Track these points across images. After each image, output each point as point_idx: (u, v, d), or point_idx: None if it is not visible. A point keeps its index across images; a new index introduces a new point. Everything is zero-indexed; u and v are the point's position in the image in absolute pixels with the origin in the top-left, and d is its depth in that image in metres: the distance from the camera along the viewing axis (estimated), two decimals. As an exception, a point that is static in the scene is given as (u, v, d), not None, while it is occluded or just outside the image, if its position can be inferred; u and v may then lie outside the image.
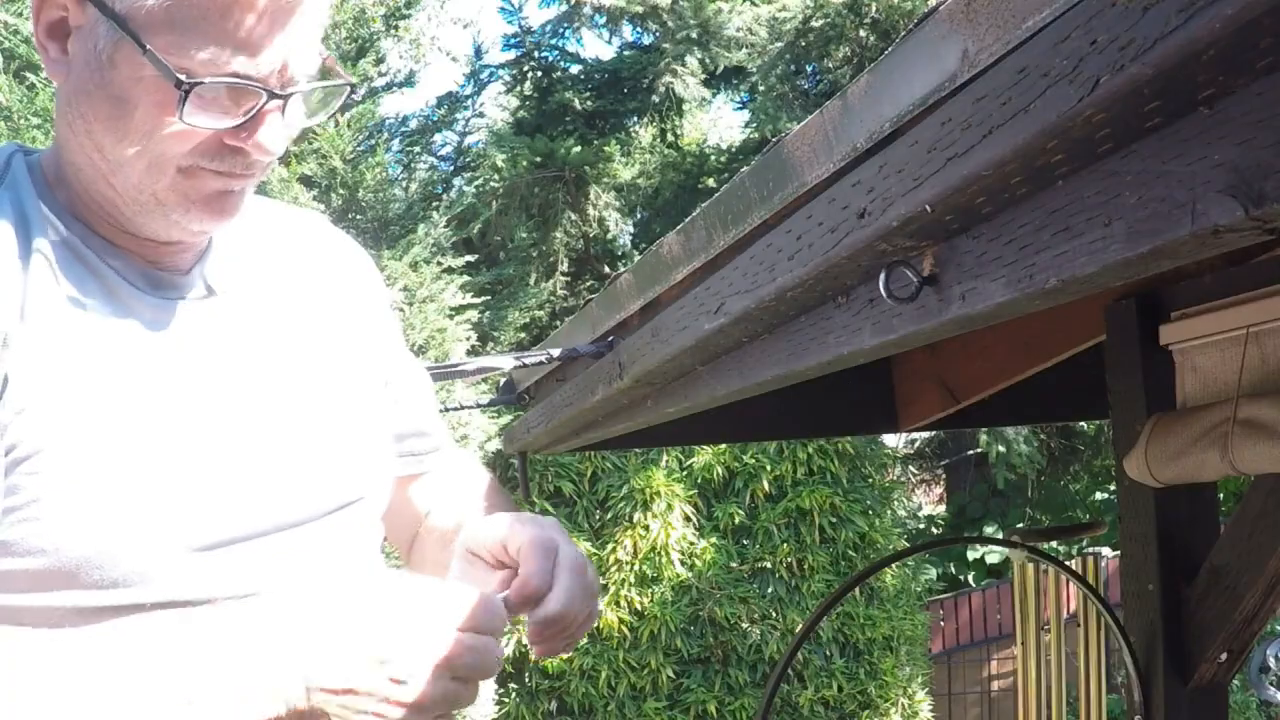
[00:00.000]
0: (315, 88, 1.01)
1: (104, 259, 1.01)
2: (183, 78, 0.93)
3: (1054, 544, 7.15)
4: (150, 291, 1.03)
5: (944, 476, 10.28)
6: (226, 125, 0.96)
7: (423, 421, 1.28)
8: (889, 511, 6.77)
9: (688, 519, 6.18)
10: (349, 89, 1.04)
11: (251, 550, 1.01)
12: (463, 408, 5.16)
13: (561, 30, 9.09)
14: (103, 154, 0.98)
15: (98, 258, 1.01)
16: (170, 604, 0.97)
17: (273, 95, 0.96)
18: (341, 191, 6.04)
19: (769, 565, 6.23)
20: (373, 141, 6.50)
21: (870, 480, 6.52)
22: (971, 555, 9.28)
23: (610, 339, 2.03)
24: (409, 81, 6.93)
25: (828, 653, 6.28)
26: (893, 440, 9.04)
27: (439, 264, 6.20)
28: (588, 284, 8.64)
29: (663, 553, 6.07)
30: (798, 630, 5.94)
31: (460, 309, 6.25)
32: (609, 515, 6.08)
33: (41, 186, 1.02)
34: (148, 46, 0.93)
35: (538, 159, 8.18)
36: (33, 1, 0.98)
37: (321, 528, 1.07)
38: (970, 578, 9.26)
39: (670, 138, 9.26)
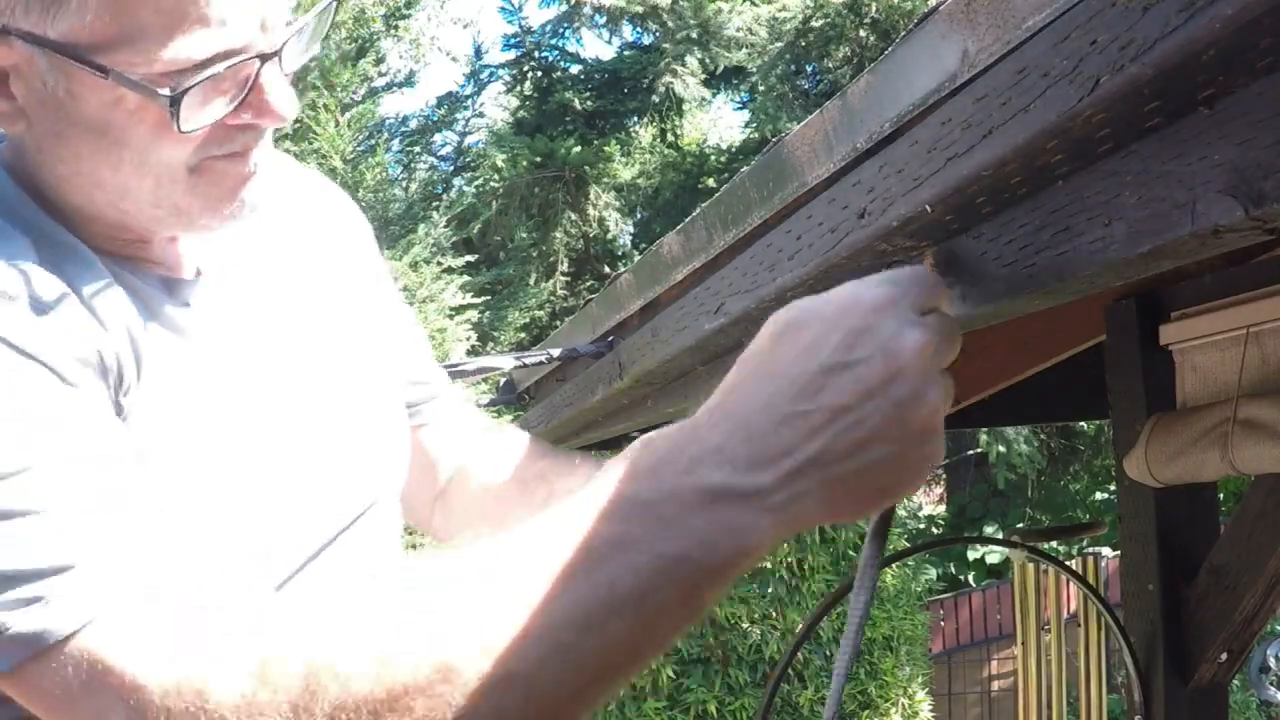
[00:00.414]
0: (302, 23, 0.88)
1: (126, 272, 0.90)
2: (166, 91, 0.80)
3: (1054, 544, 7.15)
4: (173, 300, 0.93)
5: (944, 476, 10.28)
6: (229, 110, 0.85)
7: (418, 370, 1.20)
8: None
9: (688, 519, 6.18)
10: (334, 4, 0.91)
11: (321, 566, 0.96)
12: (463, 408, 5.15)
13: (561, 30, 9.10)
14: (102, 188, 0.86)
15: (122, 270, 0.90)
16: None
17: (265, 57, 0.85)
18: (341, 191, 6.03)
19: (769, 565, 6.23)
20: (373, 141, 6.51)
21: (870, 480, 6.51)
22: (971, 555, 9.28)
23: (610, 339, 2.03)
24: (409, 81, 6.94)
25: (828, 653, 6.27)
26: (892, 440, 9.02)
27: (439, 264, 6.21)
28: (588, 284, 8.64)
29: (663, 553, 6.07)
30: (798, 630, 5.94)
31: (460, 309, 6.25)
32: (609, 515, 6.08)
33: (34, 197, 0.89)
34: (109, 69, 0.79)
35: (538, 159, 8.19)
36: None
37: (365, 524, 1.02)
38: (970, 578, 9.26)
39: (670, 138, 9.27)
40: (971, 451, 9.32)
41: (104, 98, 0.82)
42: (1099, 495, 9.65)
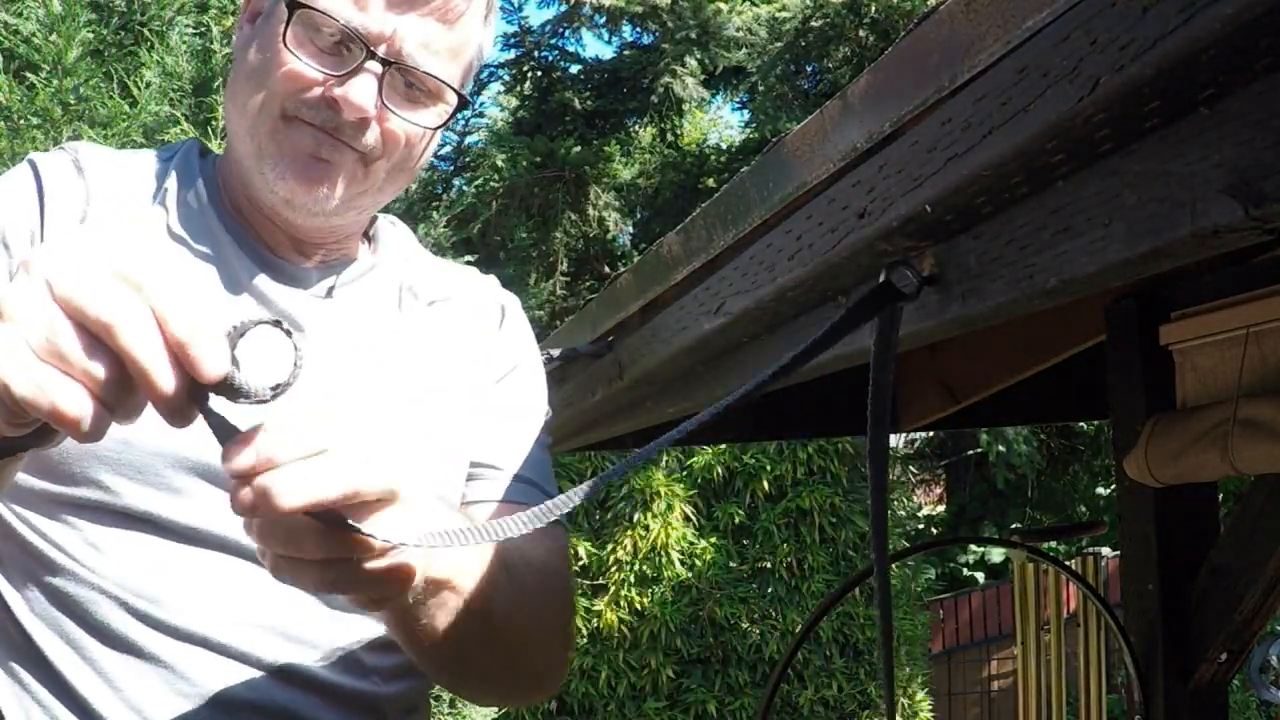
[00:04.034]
0: (419, 81, 1.05)
1: (228, 228, 1.09)
2: None
3: (1054, 544, 7.15)
4: (261, 268, 1.09)
5: (944, 476, 10.27)
6: (320, 66, 1.02)
7: (492, 456, 1.22)
8: (889, 511, 6.77)
9: (688, 519, 6.18)
10: (452, 115, 1.09)
11: None
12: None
13: (561, 30, 9.08)
14: (237, 104, 1.06)
15: (221, 225, 1.09)
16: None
17: (371, 54, 1.02)
18: (341, 191, 6.04)
19: (769, 565, 6.22)
20: (373, 141, 6.49)
21: (870, 480, 6.51)
22: (972, 555, 9.28)
23: (610, 339, 2.03)
24: (409, 81, 6.91)
25: (828, 653, 6.27)
26: (893, 440, 9.04)
27: (439, 264, 6.20)
28: (588, 284, 8.64)
29: (663, 553, 6.06)
30: (798, 630, 5.94)
31: (460, 309, 6.25)
32: (609, 515, 6.08)
33: (207, 167, 1.13)
34: None
35: (538, 159, 8.18)
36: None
37: None
38: (970, 577, 9.27)
39: (670, 138, 9.25)
40: (971, 451, 9.31)
41: (277, 11, 1.03)
42: (1099, 494, 9.65)
